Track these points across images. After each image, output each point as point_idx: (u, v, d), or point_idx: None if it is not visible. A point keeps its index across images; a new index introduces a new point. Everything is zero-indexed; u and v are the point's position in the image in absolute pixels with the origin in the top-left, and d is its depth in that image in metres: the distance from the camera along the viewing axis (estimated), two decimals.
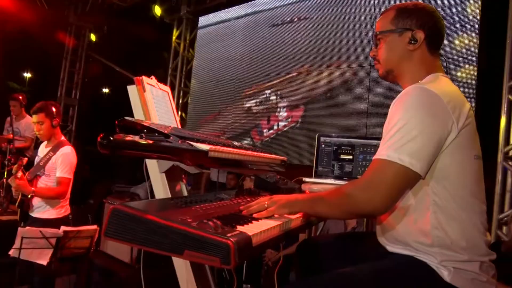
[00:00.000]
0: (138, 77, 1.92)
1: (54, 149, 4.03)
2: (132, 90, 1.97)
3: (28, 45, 10.47)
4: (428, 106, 1.49)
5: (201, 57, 8.28)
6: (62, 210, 4.08)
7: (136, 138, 1.27)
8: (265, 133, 7.01)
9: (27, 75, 16.20)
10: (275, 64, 7.02)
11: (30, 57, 11.86)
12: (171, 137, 1.42)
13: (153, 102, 1.92)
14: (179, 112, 8.47)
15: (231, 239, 1.16)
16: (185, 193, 2.00)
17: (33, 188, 3.84)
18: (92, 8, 9.37)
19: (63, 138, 4.20)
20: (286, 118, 6.75)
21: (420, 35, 1.67)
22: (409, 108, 1.50)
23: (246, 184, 5.07)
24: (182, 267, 1.95)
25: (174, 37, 8.77)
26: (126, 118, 1.45)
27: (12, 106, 6.78)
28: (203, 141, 1.55)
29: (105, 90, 14.32)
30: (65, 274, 4.16)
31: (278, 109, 6.86)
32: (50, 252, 3.54)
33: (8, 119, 6.90)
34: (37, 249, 3.53)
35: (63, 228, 3.52)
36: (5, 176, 6.19)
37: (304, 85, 6.57)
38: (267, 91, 7.02)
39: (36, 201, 3.99)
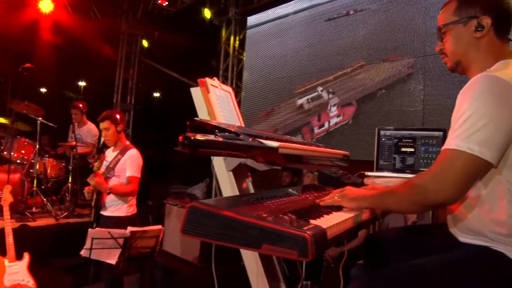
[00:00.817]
0: (202, 79, 1.97)
1: (122, 152, 4.29)
2: (195, 92, 2.02)
3: (83, 55, 10.89)
4: (497, 94, 1.46)
5: (251, 56, 8.34)
6: (131, 209, 4.30)
7: (211, 137, 1.31)
8: (316, 130, 6.96)
9: (82, 83, 16.81)
10: (329, 60, 6.91)
11: (84, 66, 12.31)
12: (241, 136, 1.45)
13: (217, 103, 1.96)
14: None
15: (308, 232, 1.18)
16: (252, 190, 2.04)
17: (109, 186, 4.07)
18: (143, 15, 9.63)
19: (128, 142, 4.46)
20: (338, 116, 6.67)
21: (487, 21, 1.63)
22: (477, 97, 1.47)
23: (305, 180, 5.08)
24: (252, 262, 1.99)
25: (223, 39, 8.88)
26: (197, 119, 1.50)
27: (73, 114, 7.07)
28: (271, 138, 1.58)
29: (157, 94, 14.61)
30: (130, 273, 4.29)
31: (329, 107, 6.80)
32: (118, 252, 3.67)
33: (71, 126, 7.19)
34: (106, 249, 3.67)
35: (130, 228, 3.64)
36: (70, 180, 6.48)
37: (358, 81, 6.44)
38: (319, 88, 6.97)
39: (107, 200, 4.22)
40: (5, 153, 6.33)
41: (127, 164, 4.21)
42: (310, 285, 4.75)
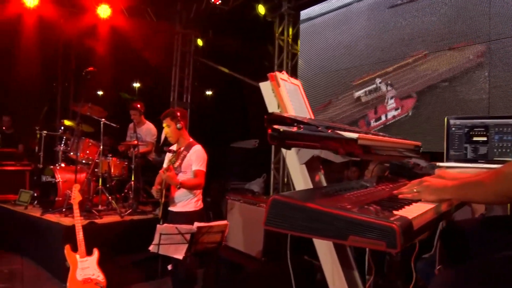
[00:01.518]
0: (272, 73, 1.98)
1: (187, 149, 4.39)
2: (265, 86, 2.03)
3: (138, 57, 11.19)
4: None
5: (306, 50, 8.27)
6: (198, 203, 4.43)
7: (294, 129, 1.32)
8: (372, 123, 6.82)
9: (136, 85, 17.26)
10: (389, 50, 6.67)
11: (139, 68, 12.65)
12: (320, 128, 1.45)
13: (288, 96, 1.97)
14: None
15: (395, 223, 1.17)
16: (324, 183, 2.03)
17: (180, 180, 4.18)
18: (196, 15, 9.77)
19: (191, 139, 4.55)
20: (395, 109, 6.51)
21: None
22: None
23: (367, 175, 5.00)
24: (326, 254, 1.98)
25: (277, 34, 8.88)
26: (274, 112, 1.51)
27: (132, 114, 7.29)
28: (348, 130, 1.57)
29: (210, 92, 14.78)
30: (196, 268, 4.37)
31: (386, 99, 6.64)
32: (185, 247, 3.75)
33: (131, 125, 7.39)
34: (173, 244, 3.75)
35: (196, 224, 3.71)
36: (132, 179, 6.67)
37: (420, 72, 6.19)
38: (378, 80, 6.81)
39: (176, 196, 4.36)
40: (71, 154, 6.58)
41: (193, 159, 4.32)
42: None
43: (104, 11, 9.25)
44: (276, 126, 1.25)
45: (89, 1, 9.26)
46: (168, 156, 4.54)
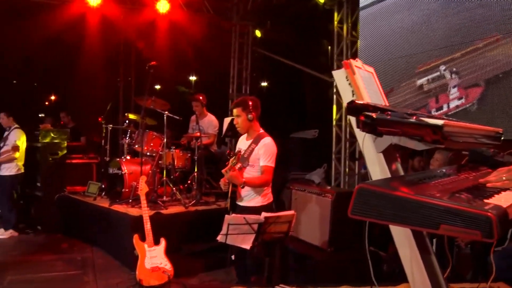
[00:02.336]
0: (346, 61, 1.96)
1: (256, 141, 4.23)
2: (338, 74, 2.01)
3: (195, 50, 11.35)
4: None
5: (366, 37, 8.09)
6: (266, 198, 4.31)
7: (388, 117, 1.29)
8: (433, 113, 6.53)
9: (193, 78, 17.55)
10: (457, 34, 6.27)
11: (196, 61, 12.84)
12: (405, 114, 1.42)
13: (363, 84, 1.93)
14: None
15: (491, 212, 1.13)
16: (401, 172, 1.99)
17: (243, 179, 4.06)
18: (253, 5, 9.77)
19: (261, 130, 4.38)
20: (459, 98, 6.22)
21: None
22: None
23: (433, 164, 4.88)
24: (405, 244, 1.94)
25: (335, 22, 8.74)
26: (356, 101, 1.49)
27: (194, 106, 7.40)
28: (431, 117, 1.53)
29: (264, 84, 14.78)
30: (263, 257, 4.40)
31: (449, 88, 6.35)
32: (252, 237, 3.77)
33: (193, 117, 7.52)
34: (241, 234, 3.79)
35: (264, 214, 3.72)
36: (195, 170, 6.79)
37: (490, 58, 5.77)
38: (442, 67, 6.53)
39: (243, 191, 4.25)
40: (136, 146, 6.78)
41: (261, 153, 4.15)
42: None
43: (163, 6, 9.42)
44: (368, 113, 1.23)
45: None
46: (242, 144, 4.40)
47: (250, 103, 4.24)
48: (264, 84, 14.53)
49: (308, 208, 5.25)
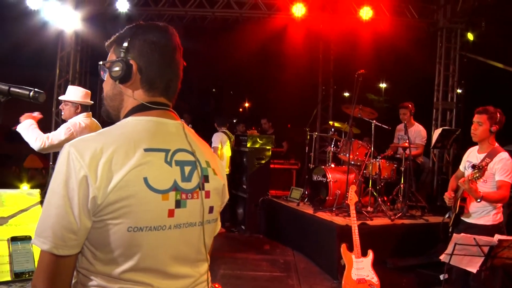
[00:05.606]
0: None
1: (491, 155, 3.99)
2: None
3: (391, 56, 10.93)
4: None
5: None
6: (497, 216, 4.01)
7: None
8: None
9: (383, 85, 17.12)
10: None
11: (389, 67, 12.38)
12: None
13: None
14: None
15: None
16: None
17: (481, 193, 3.82)
18: (464, 6, 9.01)
19: (497, 145, 4.12)
20: None
21: None
22: None
23: None
24: None
25: None
26: None
27: (402, 113, 7.13)
28: None
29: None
30: (492, 284, 3.97)
31: None
32: (480, 260, 3.46)
33: (399, 126, 7.25)
34: (468, 256, 3.48)
35: (497, 236, 3.38)
36: (402, 181, 6.49)
37: None
38: None
39: (473, 207, 4.03)
40: (341, 154, 6.76)
41: (498, 168, 3.90)
42: None
43: (365, 13, 9.23)
44: None
45: (351, 5, 9.38)
46: (473, 158, 4.19)
47: (498, 115, 4.00)
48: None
49: None
